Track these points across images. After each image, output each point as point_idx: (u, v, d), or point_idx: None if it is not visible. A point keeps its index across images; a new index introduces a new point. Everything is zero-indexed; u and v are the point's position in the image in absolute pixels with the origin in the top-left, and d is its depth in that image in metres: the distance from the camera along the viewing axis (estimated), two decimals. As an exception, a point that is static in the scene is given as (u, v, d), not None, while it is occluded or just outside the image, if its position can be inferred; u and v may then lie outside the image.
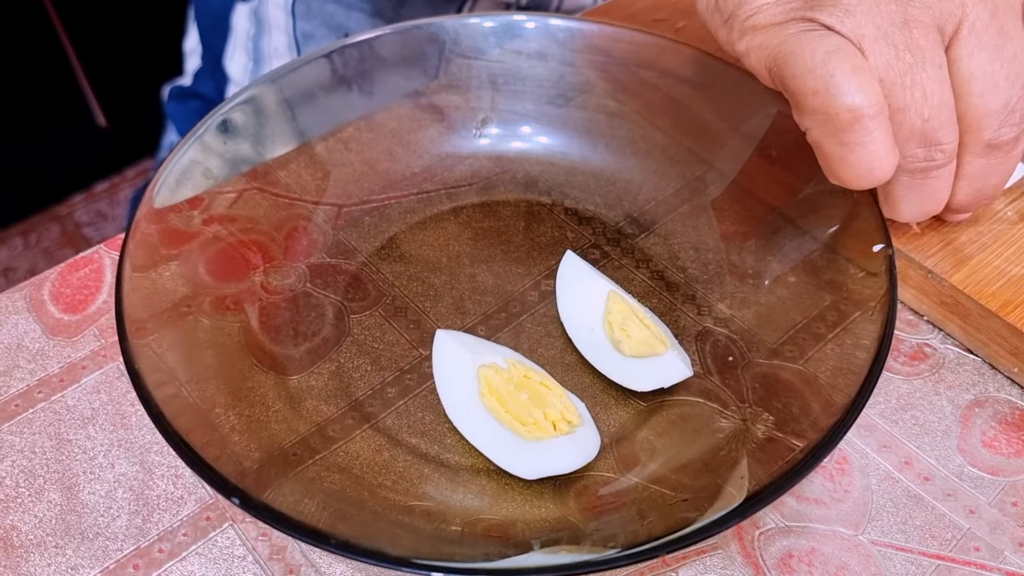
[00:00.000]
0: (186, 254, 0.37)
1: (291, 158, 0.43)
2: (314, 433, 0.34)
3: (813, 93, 0.32)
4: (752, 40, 0.34)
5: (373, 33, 0.43)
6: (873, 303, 0.35)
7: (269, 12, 0.70)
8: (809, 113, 0.33)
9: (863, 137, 0.32)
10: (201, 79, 0.79)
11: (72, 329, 0.38)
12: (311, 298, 0.39)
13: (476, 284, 0.39)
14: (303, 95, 0.43)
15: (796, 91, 0.33)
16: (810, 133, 0.34)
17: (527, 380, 0.33)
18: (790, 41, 0.33)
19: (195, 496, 0.33)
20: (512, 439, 0.32)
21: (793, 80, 0.33)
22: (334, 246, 0.41)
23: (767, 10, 0.33)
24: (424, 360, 0.36)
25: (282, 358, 0.36)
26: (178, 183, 0.38)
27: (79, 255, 0.40)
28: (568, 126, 0.44)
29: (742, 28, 0.35)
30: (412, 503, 0.32)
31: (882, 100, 0.32)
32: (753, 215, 0.41)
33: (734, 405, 0.35)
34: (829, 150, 0.33)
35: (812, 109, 0.32)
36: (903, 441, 0.34)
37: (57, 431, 0.34)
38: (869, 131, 0.32)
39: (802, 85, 0.32)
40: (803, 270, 0.38)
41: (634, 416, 0.35)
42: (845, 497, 0.33)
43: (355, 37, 0.43)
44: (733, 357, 0.36)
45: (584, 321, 0.36)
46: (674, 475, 0.33)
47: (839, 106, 0.31)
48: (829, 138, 0.33)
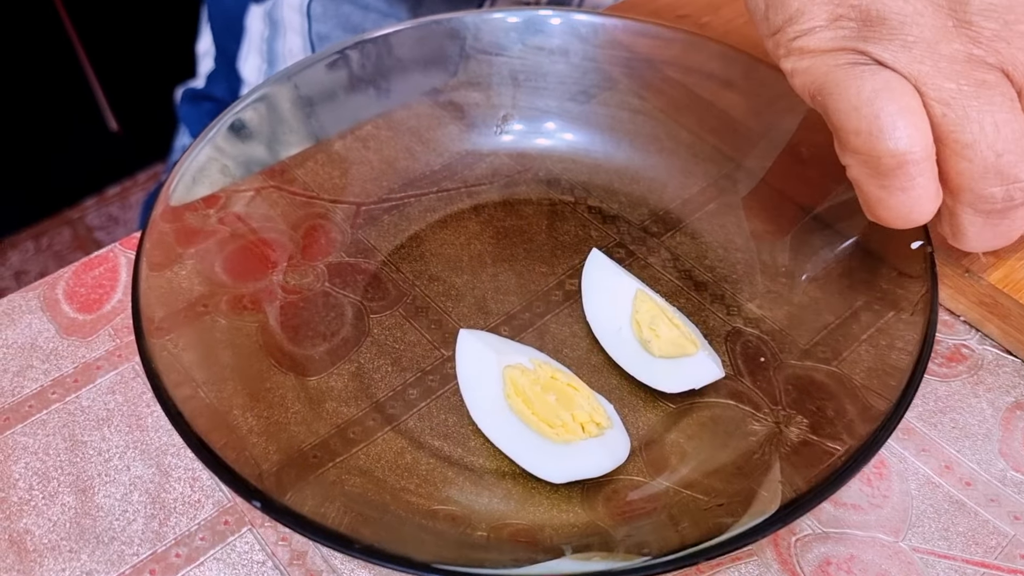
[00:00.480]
0: (203, 253, 0.36)
1: (308, 156, 0.42)
2: (334, 435, 0.33)
3: (856, 133, 0.30)
4: (798, 63, 0.32)
5: (392, 28, 0.42)
6: (909, 303, 0.34)
7: (284, 14, 0.70)
8: (851, 151, 0.31)
9: (905, 183, 0.30)
10: (214, 81, 0.78)
11: (87, 329, 0.37)
12: (330, 298, 0.38)
13: (498, 283, 0.38)
14: (319, 92, 0.42)
15: (840, 127, 0.31)
16: (849, 170, 0.32)
17: (554, 381, 0.32)
18: (837, 73, 0.31)
19: (213, 499, 0.32)
20: (539, 442, 0.31)
21: (837, 115, 0.31)
22: (353, 245, 0.40)
23: (818, 34, 0.31)
24: (446, 361, 0.36)
25: (301, 359, 0.35)
26: (194, 181, 0.37)
27: (93, 254, 0.39)
28: (591, 123, 0.43)
29: (788, 47, 0.32)
30: (436, 507, 0.31)
31: (930, 144, 0.30)
32: (783, 214, 0.40)
33: (767, 407, 0.34)
34: (868, 191, 0.31)
35: (855, 148, 0.31)
36: (942, 445, 0.33)
37: (71, 432, 0.33)
38: (912, 177, 0.30)
39: (846, 122, 0.30)
40: (835, 270, 0.37)
41: (663, 419, 0.34)
42: (884, 503, 0.32)
43: (373, 32, 0.42)
44: (765, 358, 0.35)
45: (611, 321, 0.35)
46: (706, 479, 0.31)
47: (882, 150, 0.29)
48: (869, 179, 0.31)
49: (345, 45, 0.42)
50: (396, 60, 0.43)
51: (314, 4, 0.68)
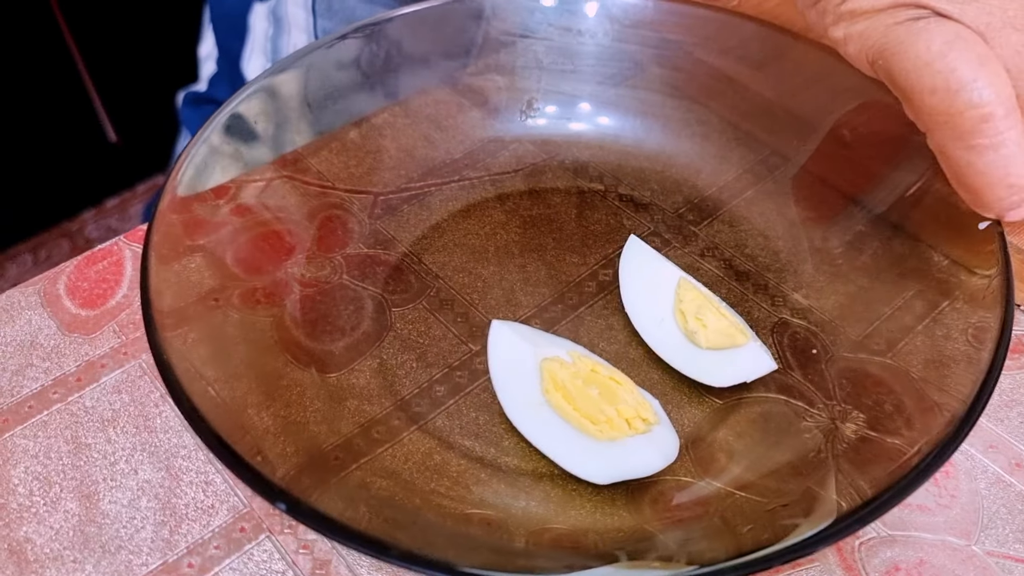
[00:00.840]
0: (213, 245, 0.34)
1: (322, 145, 0.40)
2: (358, 435, 0.31)
3: (932, 91, 0.28)
4: (851, 28, 0.30)
5: (409, 9, 0.40)
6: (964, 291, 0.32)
7: (288, 10, 0.68)
8: (927, 114, 0.28)
9: (995, 139, 0.27)
10: (217, 84, 0.77)
11: (90, 325, 0.34)
12: (348, 291, 0.35)
13: (527, 274, 0.36)
14: (329, 79, 0.40)
15: (910, 89, 0.29)
16: (931, 137, 0.29)
17: (595, 375, 0.30)
18: (899, 31, 0.28)
19: (227, 504, 0.29)
20: (581, 440, 0.29)
21: (906, 76, 0.28)
22: (371, 236, 0.38)
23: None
24: (475, 356, 0.33)
25: (319, 354, 0.33)
26: (202, 171, 0.35)
27: (97, 247, 0.37)
28: (620, 108, 0.41)
29: (838, 12, 0.30)
30: (470, 511, 0.28)
31: (1012, 96, 0.27)
32: (825, 200, 0.38)
33: (820, 403, 0.31)
34: (955, 156, 0.29)
35: (931, 109, 0.28)
36: (1011, 441, 0.31)
37: (74, 434, 0.31)
38: (1000, 132, 0.27)
39: (917, 82, 0.28)
40: (883, 258, 0.35)
41: (710, 415, 0.31)
42: (952, 503, 0.29)
43: (388, 13, 0.40)
44: (817, 350, 0.33)
45: (652, 311, 0.33)
46: (760, 480, 0.29)
47: (964, 104, 0.27)
48: (954, 142, 0.28)
49: (356, 27, 0.40)
50: (412, 44, 0.41)
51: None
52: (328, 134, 0.40)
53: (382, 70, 0.41)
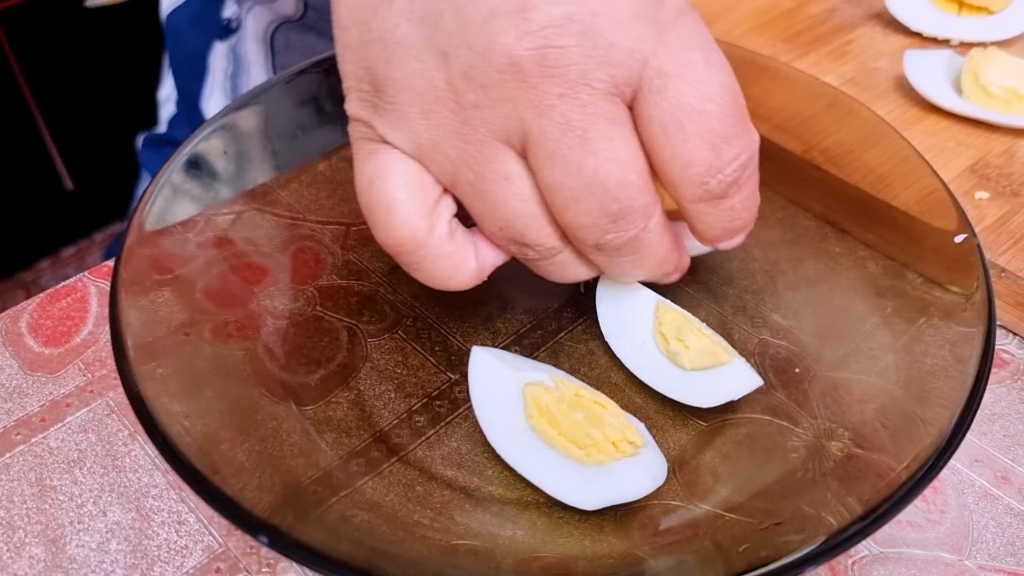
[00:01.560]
0: (182, 278, 0.33)
1: (291, 177, 0.40)
2: (337, 468, 0.30)
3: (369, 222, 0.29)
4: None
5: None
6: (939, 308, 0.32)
7: (247, 48, 0.68)
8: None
9: (415, 264, 0.29)
10: (177, 125, 0.76)
11: (54, 364, 0.33)
12: (323, 322, 0.35)
13: (505, 301, 0.36)
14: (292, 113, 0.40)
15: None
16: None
17: (580, 398, 0.29)
18: (354, 148, 0.29)
19: (202, 544, 0.28)
20: (568, 465, 0.28)
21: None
22: (344, 267, 0.37)
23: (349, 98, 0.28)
24: (454, 385, 0.33)
25: (295, 387, 0.32)
26: (169, 204, 0.34)
27: (61, 284, 0.36)
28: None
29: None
30: (455, 542, 0.28)
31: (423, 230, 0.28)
32: (798, 222, 0.38)
33: (805, 422, 0.31)
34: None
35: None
36: (996, 454, 0.31)
37: (39, 477, 0.30)
38: (421, 259, 0.29)
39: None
40: (858, 277, 0.35)
41: (696, 438, 0.31)
42: (942, 518, 0.29)
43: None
44: (799, 370, 0.33)
45: (632, 337, 0.33)
46: (749, 501, 0.29)
47: (382, 240, 0.29)
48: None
49: (314, 61, 0.39)
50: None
51: (278, 35, 0.66)
52: (297, 166, 0.40)
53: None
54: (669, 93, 0.25)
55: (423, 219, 0.28)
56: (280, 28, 0.66)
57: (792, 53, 0.47)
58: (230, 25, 0.69)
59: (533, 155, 0.26)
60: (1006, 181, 0.39)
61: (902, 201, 0.35)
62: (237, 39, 0.68)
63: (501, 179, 0.27)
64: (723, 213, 0.28)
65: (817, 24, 0.49)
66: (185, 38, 0.72)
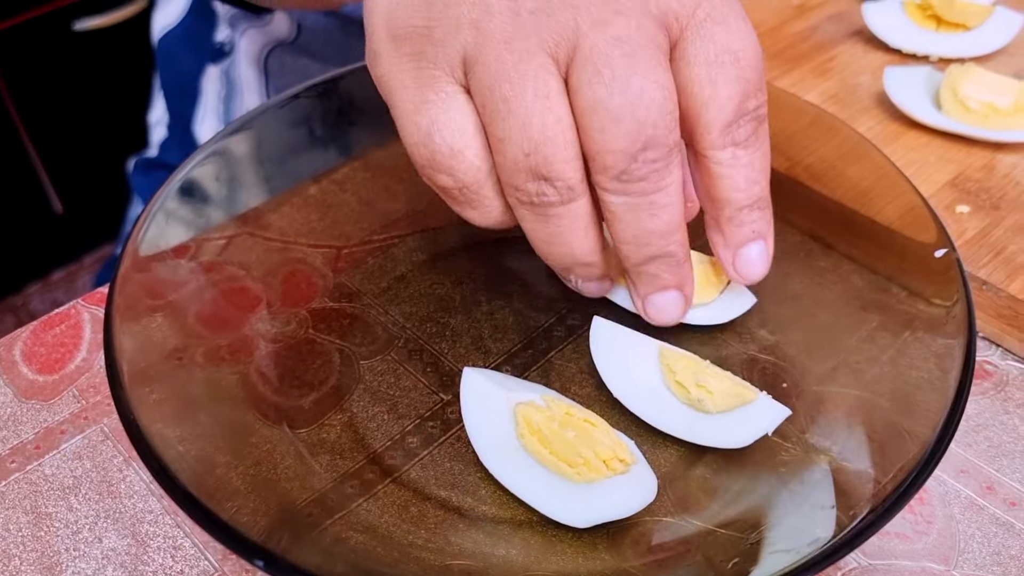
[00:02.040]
0: (175, 303, 0.34)
1: (282, 200, 0.40)
2: (331, 490, 0.30)
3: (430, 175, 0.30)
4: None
5: (359, 65, 0.40)
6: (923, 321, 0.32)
7: (240, 71, 0.68)
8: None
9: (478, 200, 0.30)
10: (168, 149, 0.76)
11: (48, 391, 0.33)
12: (315, 345, 0.35)
13: (496, 322, 0.36)
14: (285, 137, 0.40)
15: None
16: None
17: (570, 417, 0.30)
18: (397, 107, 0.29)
19: (197, 569, 0.28)
20: (559, 484, 0.29)
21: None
22: (336, 289, 0.37)
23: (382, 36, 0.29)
24: (447, 405, 0.33)
25: (288, 410, 0.32)
26: (162, 231, 0.35)
27: (54, 311, 0.36)
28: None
29: None
30: (450, 562, 0.28)
31: (485, 170, 0.29)
32: (783, 237, 0.38)
33: (794, 436, 0.31)
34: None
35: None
36: (980, 465, 0.31)
37: (34, 504, 0.30)
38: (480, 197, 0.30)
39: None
40: (843, 292, 0.36)
41: (686, 454, 0.31)
42: (929, 529, 0.30)
43: (339, 71, 0.41)
44: (787, 384, 0.33)
45: (645, 390, 0.32)
46: (740, 516, 0.29)
47: (445, 188, 0.30)
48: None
49: (307, 86, 0.40)
50: (364, 99, 0.41)
51: (271, 58, 0.66)
52: (288, 190, 0.40)
53: (337, 127, 0.41)
54: (717, 38, 0.28)
55: (485, 160, 0.29)
56: (274, 51, 0.66)
57: (775, 71, 0.48)
58: (223, 48, 0.69)
59: (579, 70, 0.27)
60: (986, 195, 0.39)
61: (885, 216, 0.36)
62: (230, 62, 0.69)
63: (541, 96, 0.27)
64: (744, 168, 0.29)
65: (799, 42, 0.50)
66: (178, 61, 0.73)
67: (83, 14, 1.23)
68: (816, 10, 0.53)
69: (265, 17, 0.66)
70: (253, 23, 0.67)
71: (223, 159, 0.38)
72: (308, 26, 0.64)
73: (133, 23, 1.26)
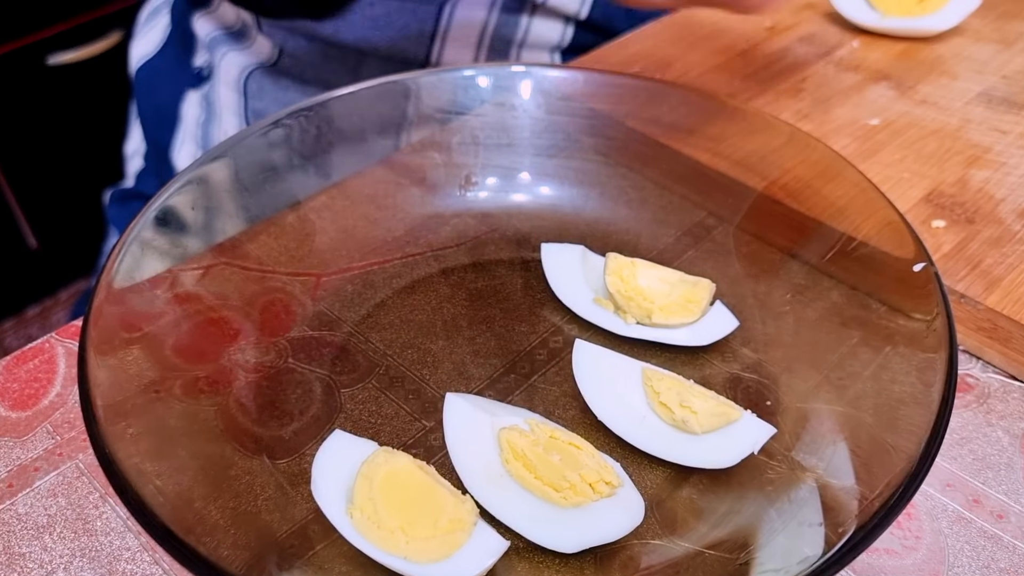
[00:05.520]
0: (151, 336, 0.33)
1: (260, 230, 0.40)
2: (312, 520, 0.29)
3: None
4: None
5: (338, 92, 0.40)
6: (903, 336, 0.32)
7: (220, 94, 0.68)
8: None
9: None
10: (145, 179, 0.76)
11: (22, 427, 0.33)
12: (295, 374, 0.35)
13: (477, 346, 0.36)
14: (264, 164, 0.40)
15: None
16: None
17: (555, 441, 0.29)
18: None
19: (177, 607, 0.28)
20: (545, 509, 0.28)
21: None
22: (315, 318, 0.37)
23: None
24: (429, 432, 0.33)
25: (268, 441, 0.32)
26: (137, 262, 0.34)
27: (27, 346, 0.36)
28: (557, 178, 0.42)
29: None
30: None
31: None
32: (763, 257, 0.39)
33: (779, 454, 0.31)
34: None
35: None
36: (966, 478, 0.31)
37: (7, 544, 0.29)
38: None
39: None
40: (824, 308, 0.36)
41: (673, 475, 0.31)
42: (917, 544, 0.29)
43: (318, 98, 0.40)
44: (770, 402, 0.33)
45: (630, 412, 0.32)
46: (728, 536, 0.29)
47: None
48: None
49: (288, 112, 0.40)
50: (344, 126, 0.41)
51: (251, 81, 0.66)
52: (265, 219, 0.40)
53: (315, 154, 0.41)
54: None
55: None
56: (253, 73, 0.66)
57: (749, 92, 0.48)
58: (201, 73, 0.69)
59: None
60: (960, 209, 0.40)
61: (862, 232, 0.36)
62: (210, 86, 0.69)
63: None
64: None
65: (772, 63, 0.51)
66: (157, 89, 0.73)
67: (57, 48, 1.22)
68: (788, 32, 0.54)
69: (246, 40, 0.66)
70: (233, 46, 0.67)
71: (199, 188, 0.37)
72: (289, 50, 0.64)
73: (107, 57, 1.26)
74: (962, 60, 0.51)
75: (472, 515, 0.28)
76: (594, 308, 0.36)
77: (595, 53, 0.51)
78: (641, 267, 0.36)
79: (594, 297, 0.37)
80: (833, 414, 0.32)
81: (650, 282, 0.35)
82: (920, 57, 0.51)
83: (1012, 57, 0.51)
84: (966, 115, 0.46)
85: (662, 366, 0.34)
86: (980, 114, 0.46)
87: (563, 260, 0.38)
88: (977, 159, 0.43)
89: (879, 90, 0.48)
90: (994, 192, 0.41)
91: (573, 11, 0.61)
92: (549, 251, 0.38)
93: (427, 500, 0.28)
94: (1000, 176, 0.42)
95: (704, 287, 0.35)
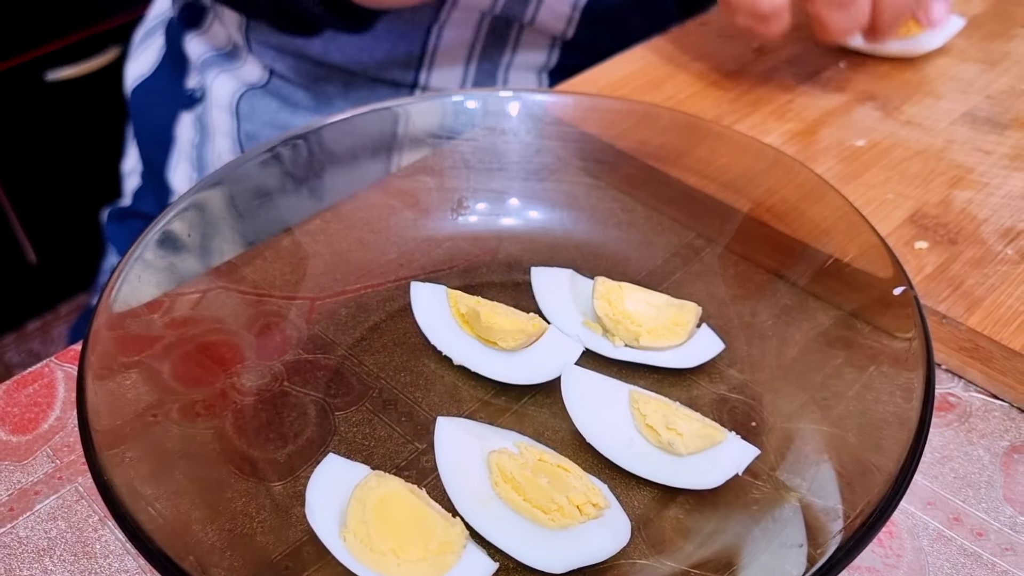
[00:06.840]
0: (149, 360, 0.34)
1: (256, 254, 0.40)
2: (306, 542, 0.30)
3: None
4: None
5: (332, 119, 0.41)
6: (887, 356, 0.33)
7: (213, 116, 0.69)
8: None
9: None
10: (142, 197, 0.77)
11: (22, 451, 0.33)
12: (290, 397, 0.35)
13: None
14: (260, 190, 0.41)
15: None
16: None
17: (543, 463, 0.30)
18: None
19: (175, 629, 0.28)
20: (534, 530, 0.29)
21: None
22: (310, 341, 0.38)
23: None
24: (422, 454, 0.33)
25: (264, 463, 0.33)
26: (135, 287, 0.35)
27: (27, 371, 0.36)
28: (548, 201, 0.43)
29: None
30: (427, 613, 0.28)
31: None
32: (751, 278, 0.39)
33: (764, 474, 0.32)
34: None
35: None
36: (947, 496, 0.32)
37: (8, 567, 0.30)
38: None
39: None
40: (809, 329, 0.36)
41: (659, 496, 0.32)
42: (898, 562, 0.30)
43: (312, 125, 0.41)
44: (756, 423, 0.34)
45: (617, 434, 0.33)
46: (713, 555, 0.29)
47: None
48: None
49: (283, 139, 0.40)
50: (338, 152, 0.42)
51: (243, 102, 0.67)
52: (261, 243, 0.40)
53: (308, 179, 0.42)
54: None
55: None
56: (245, 95, 0.67)
57: (737, 114, 0.49)
58: (194, 95, 0.70)
59: None
60: (943, 230, 0.40)
61: (847, 254, 0.36)
62: (203, 108, 0.70)
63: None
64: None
65: (758, 85, 0.52)
66: (151, 110, 0.73)
67: (55, 64, 1.23)
68: (774, 54, 0.55)
69: (237, 61, 0.67)
70: (225, 67, 0.68)
71: (196, 214, 0.38)
72: (279, 71, 0.65)
73: (105, 73, 1.27)
74: (947, 80, 0.52)
75: (462, 537, 0.29)
76: (583, 331, 0.37)
77: (584, 75, 0.52)
78: (628, 291, 0.37)
79: (583, 320, 0.37)
80: (817, 434, 0.33)
81: (637, 306, 0.36)
82: (905, 78, 0.52)
83: (996, 77, 0.52)
84: (950, 136, 0.47)
85: (650, 387, 0.35)
86: (964, 134, 0.47)
87: (552, 283, 0.39)
88: (960, 179, 0.44)
89: (865, 111, 0.49)
90: (976, 212, 0.41)
91: (559, 32, 0.62)
92: (539, 274, 0.39)
93: (418, 523, 0.29)
94: (983, 197, 0.42)
95: (690, 310, 0.36)
